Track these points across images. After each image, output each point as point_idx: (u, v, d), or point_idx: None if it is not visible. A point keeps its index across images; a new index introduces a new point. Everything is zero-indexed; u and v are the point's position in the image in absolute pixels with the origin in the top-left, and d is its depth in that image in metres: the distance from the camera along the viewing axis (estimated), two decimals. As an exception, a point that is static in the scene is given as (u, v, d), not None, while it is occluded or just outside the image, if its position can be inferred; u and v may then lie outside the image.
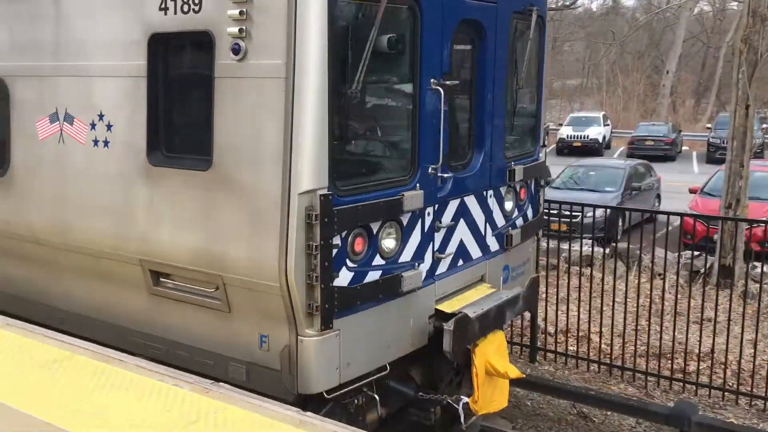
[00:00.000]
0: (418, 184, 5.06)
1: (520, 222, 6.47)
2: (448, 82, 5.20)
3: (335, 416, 4.50)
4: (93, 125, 5.34)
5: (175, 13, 4.70)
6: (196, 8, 4.60)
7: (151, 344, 5.33)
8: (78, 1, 5.41)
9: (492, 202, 6.03)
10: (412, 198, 4.97)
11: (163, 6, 4.75)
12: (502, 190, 6.17)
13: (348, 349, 4.67)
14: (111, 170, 5.27)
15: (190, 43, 4.90)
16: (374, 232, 4.84)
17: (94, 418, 3.50)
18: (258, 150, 4.50)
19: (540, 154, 6.80)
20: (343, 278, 4.63)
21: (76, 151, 5.46)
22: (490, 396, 5.51)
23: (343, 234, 4.60)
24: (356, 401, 5.11)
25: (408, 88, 5.11)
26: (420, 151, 5.09)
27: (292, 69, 4.27)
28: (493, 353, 5.49)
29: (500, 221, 6.18)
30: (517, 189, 6.40)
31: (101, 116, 5.28)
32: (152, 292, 5.22)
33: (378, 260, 4.89)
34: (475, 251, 5.86)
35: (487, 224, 5.99)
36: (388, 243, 4.97)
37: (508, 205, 6.30)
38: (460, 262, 5.69)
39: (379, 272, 4.89)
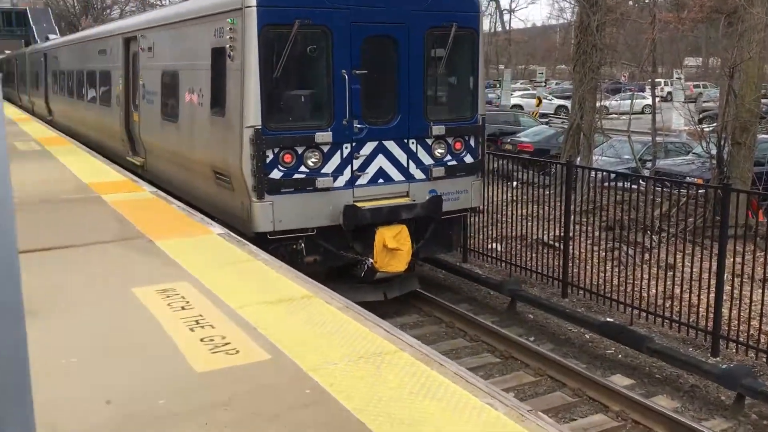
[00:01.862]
0: (331, 130, 8.57)
1: (452, 163, 9.44)
2: (356, 72, 8.60)
3: (278, 251, 8.11)
4: (199, 94, 9.75)
5: (215, 37, 9.14)
6: (221, 36, 8.85)
7: (209, 205, 9.65)
8: (190, 32, 10.26)
9: (415, 146, 9.16)
10: (322, 136, 8.55)
11: (214, 35, 9.11)
12: (429, 140, 9.22)
13: (278, 212, 8.41)
14: (202, 117, 9.70)
15: (220, 53, 8.98)
16: (299, 152, 8.54)
17: (404, 428, 3.41)
18: (235, 106, 8.52)
19: (477, 120, 9.63)
20: (275, 175, 8.42)
21: (194, 108, 9.97)
22: (387, 262, 8.78)
23: (275, 150, 8.36)
24: (294, 246, 8.60)
25: (325, 74, 8.62)
26: (335, 111, 8.59)
27: (242, 63, 8.30)
28: (389, 237, 8.74)
29: (426, 160, 9.24)
30: (450, 141, 9.43)
31: (200, 90, 9.74)
32: (214, 180, 9.46)
33: (303, 169, 8.55)
34: (396, 176, 9.07)
35: (410, 160, 9.13)
36: (311, 160, 8.59)
37: (438, 150, 9.32)
38: (380, 180, 8.98)
39: (303, 175, 8.54)
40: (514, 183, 13.27)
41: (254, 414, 3.63)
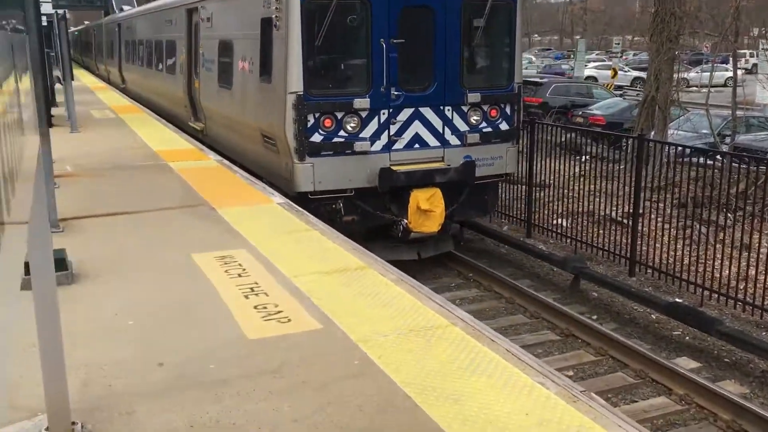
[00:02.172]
0: (368, 97, 8.98)
1: (487, 130, 9.71)
2: (393, 41, 8.93)
3: (318, 210, 8.55)
4: (250, 62, 10.17)
5: (263, 8, 9.47)
6: (269, 7, 9.23)
7: (258, 167, 10.18)
8: (243, 4, 10.69)
9: (450, 113, 9.45)
10: (360, 102, 8.97)
11: (263, 5, 9.45)
12: (464, 107, 9.51)
13: (318, 174, 8.92)
14: (252, 84, 10.16)
15: (268, 23, 9.34)
16: (339, 117, 8.96)
17: (450, 403, 3.40)
18: (280, 73, 9.01)
19: (513, 88, 9.93)
20: (315, 138, 8.91)
21: (245, 75, 10.43)
22: (421, 223, 9.20)
23: (316, 115, 8.82)
24: (333, 206, 9.11)
25: (364, 43, 9.01)
26: (373, 78, 9.00)
27: (286, 33, 8.76)
28: (423, 199, 9.16)
29: (462, 126, 9.54)
30: (486, 109, 9.67)
31: (251, 58, 10.13)
32: (262, 144, 9.91)
33: (342, 133, 9.00)
34: (432, 141, 9.41)
35: (445, 127, 9.45)
36: (350, 125, 9.00)
37: (474, 117, 9.60)
38: (416, 145, 9.34)
39: (342, 139, 9.00)
40: (584, 157, 12.88)
41: (303, 383, 3.64)
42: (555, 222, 11.81)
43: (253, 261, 5.53)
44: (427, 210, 9.16)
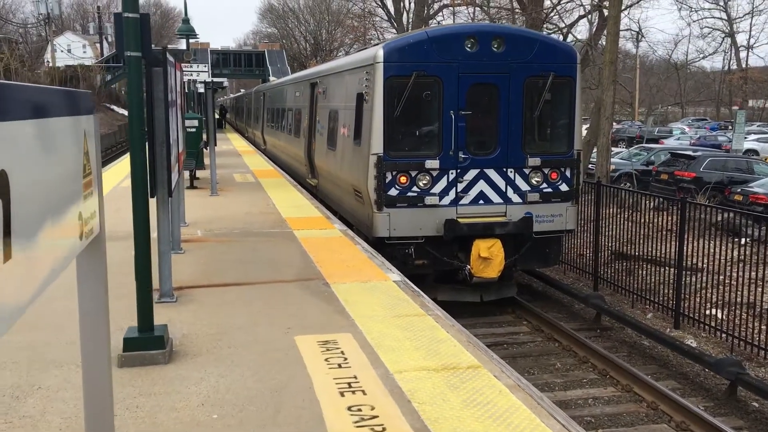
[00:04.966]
0: (438, 159, 10.24)
1: (547, 190, 10.69)
2: (462, 112, 10.27)
3: (393, 253, 9.96)
4: (349, 128, 11.53)
5: (359, 84, 11.00)
6: (361, 86, 10.80)
7: (351, 217, 11.62)
8: (346, 80, 12.29)
9: (513, 174, 10.56)
10: (431, 163, 10.22)
11: (359, 84, 10.98)
12: (526, 170, 10.59)
13: (393, 223, 10.15)
14: (349, 146, 11.57)
15: (361, 96, 10.84)
16: (413, 175, 10.24)
17: None
18: (366, 138, 10.44)
19: (573, 155, 10.90)
20: (392, 192, 10.18)
21: (345, 139, 11.88)
22: (482, 269, 10.19)
23: (393, 173, 10.16)
24: (406, 251, 10.23)
25: (436, 114, 10.34)
26: (443, 143, 10.27)
27: (372, 105, 10.20)
28: (484, 248, 10.17)
29: (523, 186, 10.60)
30: (547, 172, 10.69)
31: (349, 125, 11.50)
32: (354, 196, 11.24)
33: (415, 189, 10.24)
34: (495, 198, 10.54)
35: (508, 186, 10.57)
36: (422, 182, 10.24)
37: (535, 179, 10.63)
38: (481, 201, 10.48)
39: (415, 194, 10.24)
40: (743, 240, 11.53)
41: None
42: (708, 312, 10.51)
43: (357, 349, 5.09)
44: (486, 258, 10.17)
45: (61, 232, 1.96)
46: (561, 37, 24.43)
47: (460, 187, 10.39)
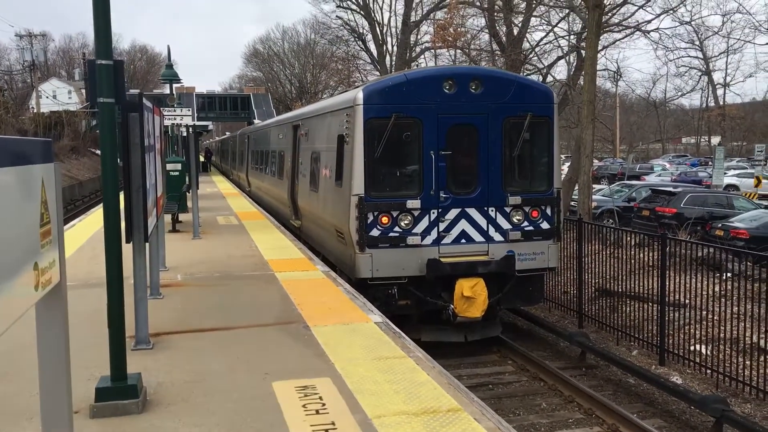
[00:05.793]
0: (420, 199, 10.29)
1: (529, 228, 10.77)
2: (442, 152, 10.36)
3: (376, 294, 10.05)
4: (330, 169, 11.59)
5: (339, 126, 11.09)
6: (342, 128, 10.86)
7: (334, 258, 11.60)
8: (327, 122, 12.30)
9: (494, 213, 10.65)
10: (413, 203, 10.27)
11: (340, 126, 11.05)
12: (507, 209, 10.68)
13: (376, 263, 10.13)
14: (330, 188, 11.64)
15: (342, 138, 10.91)
16: (394, 216, 10.24)
17: None
18: (347, 179, 10.45)
19: (553, 193, 11.00)
20: (374, 233, 10.16)
21: (326, 180, 11.94)
22: (465, 308, 10.19)
23: (375, 214, 10.14)
24: (389, 291, 10.24)
25: (416, 154, 10.41)
26: (424, 183, 10.34)
27: (352, 147, 10.25)
28: (467, 287, 10.16)
29: (504, 225, 10.68)
30: (527, 210, 10.79)
31: (331, 166, 11.57)
32: (336, 237, 11.22)
33: (397, 229, 10.24)
34: (477, 237, 10.59)
35: (489, 225, 10.64)
36: (403, 222, 10.25)
37: (516, 217, 10.72)
38: (463, 240, 10.51)
39: (397, 234, 10.23)
40: (725, 275, 11.57)
41: None
42: (693, 348, 10.48)
43: (336, 394, 5.01)
44: (470, 297, 10.17)
45: (14, 283, 1.91)
46: (540, 78, 24.85)
47: (442, 226, 10.43)
